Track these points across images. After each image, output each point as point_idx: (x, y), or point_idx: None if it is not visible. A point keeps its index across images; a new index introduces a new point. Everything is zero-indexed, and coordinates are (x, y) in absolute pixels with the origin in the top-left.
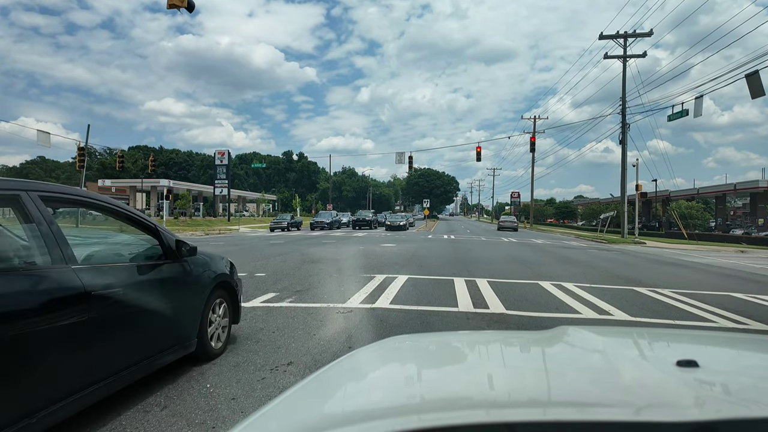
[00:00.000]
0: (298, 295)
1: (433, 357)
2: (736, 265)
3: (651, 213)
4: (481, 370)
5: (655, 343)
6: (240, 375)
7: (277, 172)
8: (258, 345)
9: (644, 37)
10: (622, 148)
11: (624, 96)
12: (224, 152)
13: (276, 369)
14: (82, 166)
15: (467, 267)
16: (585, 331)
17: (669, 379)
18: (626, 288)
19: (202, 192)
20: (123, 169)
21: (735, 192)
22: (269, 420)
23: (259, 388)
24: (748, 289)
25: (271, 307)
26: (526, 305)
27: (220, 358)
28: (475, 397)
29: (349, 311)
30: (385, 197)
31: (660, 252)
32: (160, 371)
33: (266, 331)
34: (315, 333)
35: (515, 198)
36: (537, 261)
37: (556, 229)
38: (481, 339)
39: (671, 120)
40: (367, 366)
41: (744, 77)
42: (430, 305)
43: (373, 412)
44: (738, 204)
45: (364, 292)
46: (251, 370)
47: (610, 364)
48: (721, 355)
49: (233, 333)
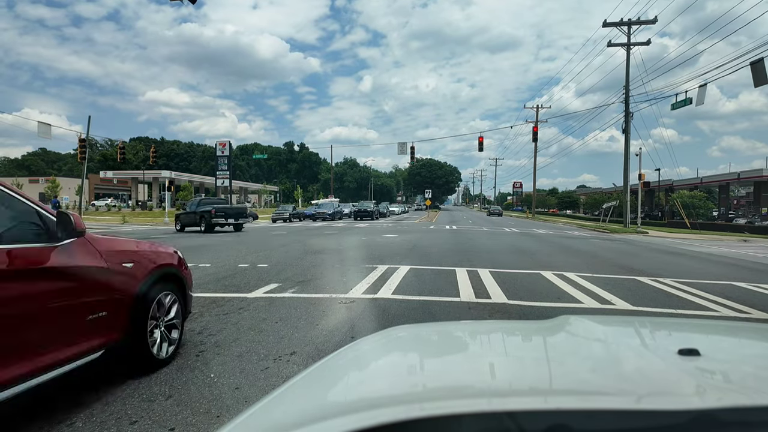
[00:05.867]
0: (301, 285)
1: (435, 346)
2: (738, 254)
3: (654, 202)
4: (483, 359)
5: (656, 332)
6: (243, 365)
7: (279, 163)
8: (261, 335)
9: (648, 24)
10: (625, 137)
11: (627, 84)
12: (225, 143)
13: (279, 359)
14: (84, 157)
15: (469, 257)
16: (587, 320)
17: (670, 367)
18: (628, 277)
19: (203, 183)
20: (124, 161)
21: (739, 181)
22: (273, 409)
23: (263, 378)
24: (750, 278)
25: (274, 298)
26: (527, 295)
27: (224, 348)
28: (476, 386)
29: (352, 301)
30: (387, 188)
31: (662, 242)
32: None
33: (269, 322)
34: (318, 323)
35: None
36: (539, 251)
37: (558, 219)
38: (483, 328)
39: (674, 108)
40: (370, 355)
41: (749, 65)
42: (432, 295)
43: (376, 400)
44: (741, 193)
45: (366, 282)
46: (254, 360)
47: (611, 353)
48: (722, 344)
49: (236, 323)
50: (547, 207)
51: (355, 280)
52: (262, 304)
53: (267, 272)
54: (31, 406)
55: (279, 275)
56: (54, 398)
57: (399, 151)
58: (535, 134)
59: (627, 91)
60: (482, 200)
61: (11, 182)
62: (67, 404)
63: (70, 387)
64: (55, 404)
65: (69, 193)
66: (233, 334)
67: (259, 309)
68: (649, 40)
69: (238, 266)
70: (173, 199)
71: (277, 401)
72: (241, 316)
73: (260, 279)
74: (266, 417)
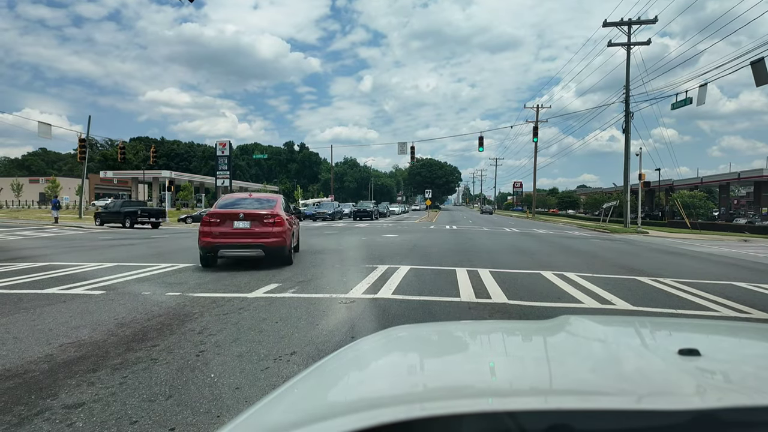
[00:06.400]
0: (301, 285)
1: (436, 346)
2: (738, 254)
3: (654, 202)
4: (483, 359)
5: (656, 332)
6: (244, 365)
7: (279, 163)
8: (261, 335)
9: (649, 24)
10: (626, 137)
11: (627, 84)
12: (225, 143)
13: (279, 359)
14: (84, 157)
15: (469, 257)
16: (587, 320)
17: (671, 367)
18: (628, 277)
19: (204, 183)
20: (125, 161)
21: (739, 181)
22: (274, 408)
23: (263, 378)
24: (750, 278)
25: (274, 298)
26: (528, 295)
27: (224, 348)
28: (477, 386)
29: (352, 301)
30: (387, 188)
31: (662, 241)
32: (162, 354)
33: (269, 322)
34: (318, 323)
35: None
36: (539, 251)
37: (558, 219)
38: (483, 328)
39: (674, 108)
40: (370, 355)
41: (749, 64)
42: (432, 295)
43: (376, 400)
44: (741, 193)
45: (366, 282)
46: (255, 360)
47: (611, 353)
48: (722, 344)
49: (236, 323)
50: (547, 207)
51: (356, 280)
52: (262, 304)
53: (266, 272)
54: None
55: (279, 275)
56: (56, 395)
57: (399, 151)
58: (535, 130)
59: (627, 91)
60: (482, 200)
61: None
62: (67, 402)
63: (67, 386)
64: (53, 402)
65: (69, 193)
66: (233, 334)
67: (259, 309)
68: (649, 39)
69: (238, 266)
70: (173, 199)
71: (278, 400)
72: (241, 316)
73: (260, 279)
74: (267, 417)
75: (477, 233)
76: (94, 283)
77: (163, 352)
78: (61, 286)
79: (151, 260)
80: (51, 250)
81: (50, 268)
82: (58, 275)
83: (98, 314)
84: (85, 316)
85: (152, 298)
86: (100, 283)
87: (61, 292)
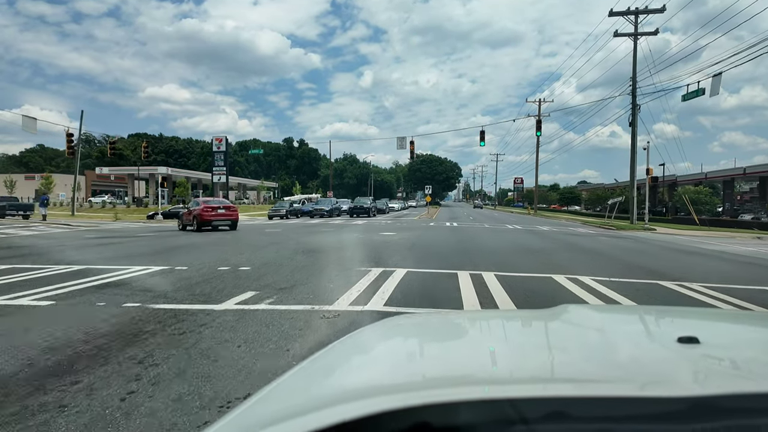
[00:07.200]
0: (281, 294)
1: (436, 335)
2: (758, 252)
3: (657, 198)
4: (483, 347)
5: (656, 320)
6: (177, 417)
7: (278, 159)
8: (214, 366)
9: (656, 13)
10: (632, 130)
11: (635, 76)
12: (221, 138)
13: (227, 406)
14: (72, 152)
15: (472, 258)
16: (586, 309)
17: (670, 355)
18: (649, 282)
19: (201, 179)
20: (119, 157)
21: (744, 176)
22: (273, 398)
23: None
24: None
25: (245, 311)
26: (539, 302)
27: (161, 387)
28: (477, 374)
29: (336, 315)
30: (387, 184)
31: (674, 239)
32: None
33: (230, 345)
34: (290, 347)
35: (518, 184)
36: (546, 250)
37: (560, 215)
38: (483, 317)
39: (686, 99)
40: (370, 344)
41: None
42: (430, 306)
43: (376, 388)
44: (745, 188)
45: (356, 290)
46: (194, 409)
47: (611, 341)
48: (722, 332)
49: (190, 348)
50: (548, 203)
51: (344, 287)
52: (229, 320)
53: (247, 277)
54: None
55: (259, 280)
56: None
57: (398, 146)
58: (538, 123)
59: (634, 83)
60: (482, 197)
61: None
62: None
63: None
64: None
65: (65, 190)
66: (181, 364)
67: (223, 326)
68: (657, 29)
69: (218, 269)
70: (171, 196)
71: (278, 390)
72: (200, 335)
73: (236, 286)
74: (264, 409)
75: (479, 231)
76: (47, 292)
77: (81, 393)
78: (8, 295)
79: (126, 262)
80: (29, 251)
81: (13, 271)
82: (13, 281)
83: (29, 334)
84: (11, 337)
85: (104, 311)
86: (55, 291)
87: (4, 303)
